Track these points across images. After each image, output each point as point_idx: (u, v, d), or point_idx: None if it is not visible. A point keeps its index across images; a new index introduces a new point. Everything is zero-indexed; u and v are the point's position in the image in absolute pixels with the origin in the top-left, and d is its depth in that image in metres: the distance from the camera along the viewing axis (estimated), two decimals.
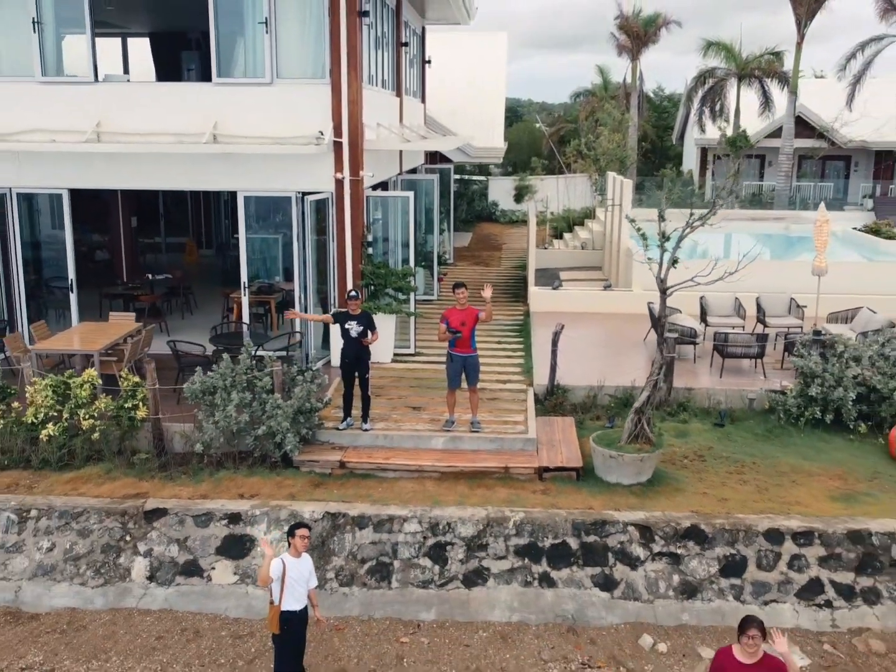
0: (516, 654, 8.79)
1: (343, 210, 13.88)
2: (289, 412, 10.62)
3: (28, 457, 10.93)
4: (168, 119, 13.66)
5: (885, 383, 12.03)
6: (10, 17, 13.70)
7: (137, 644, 8.91)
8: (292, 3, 13.39)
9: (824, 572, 9.51)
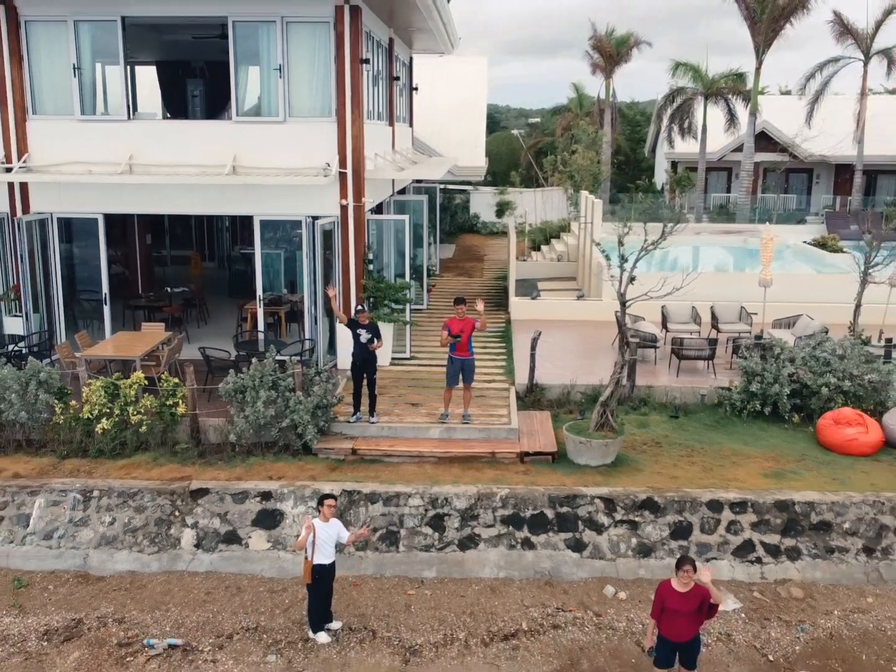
0: (503, 602, 10.74)
1: (347, 232, 15.81)
2: (309, 407, 12.56)
3: (85, 447, 12.79)
4: (193, 152, 15.52)
5: (814, 380, 14.12)
6: (54, 64, 15.53)
7: (190, 598, 10.79)
8: (303, 51, 15.34)
9: (755, 535, 11.55)
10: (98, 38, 15.60)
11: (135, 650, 9.81)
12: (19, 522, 11.70)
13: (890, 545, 11.46)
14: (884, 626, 10.35)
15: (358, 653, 9.76)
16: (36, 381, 12.81)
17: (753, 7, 31.19)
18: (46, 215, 15.98)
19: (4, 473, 12.32)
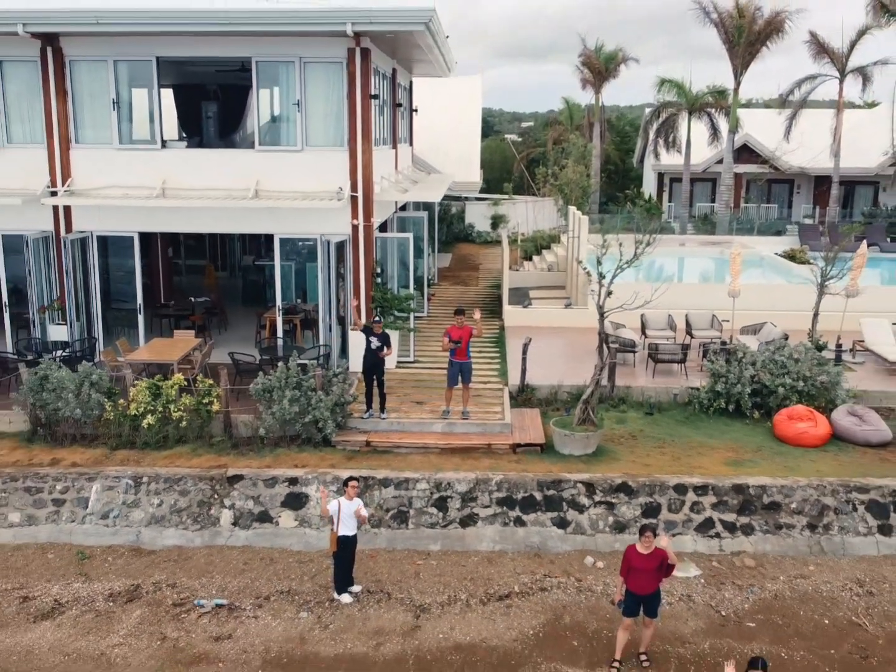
0: (498, 570, 12.58)
1: (358, 249, 17.66)
2: (329, 405, 14.40)
3: (133, 440, 14.60)
4: (219, 178, 17.36)
5: (772, 381, 16.01)
6: (95, 99, 17.33)
7: (230, 568, 12.61)
8: (319, 88, 17.18)
9: (715, 513, 13.42)
10: (134, 75, 17.43)
11: (187, 609, 11.63)
12: (79, 504, 13.51)
13: (830, 522, 13.34)
14: (820, 588, 12.22)
15: (376, 610, 11.59)
16: (88, 383, 14.62)
17: (731, 32, 33.14)
18: (87, 234, 17.79)
19: (64, 462, 14.13)
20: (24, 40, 16.45)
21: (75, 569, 12.57)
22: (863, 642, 11.08)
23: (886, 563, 12.89)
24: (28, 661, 10.57)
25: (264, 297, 23.59)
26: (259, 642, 10.92)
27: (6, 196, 16.96)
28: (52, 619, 11.40)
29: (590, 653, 10.78)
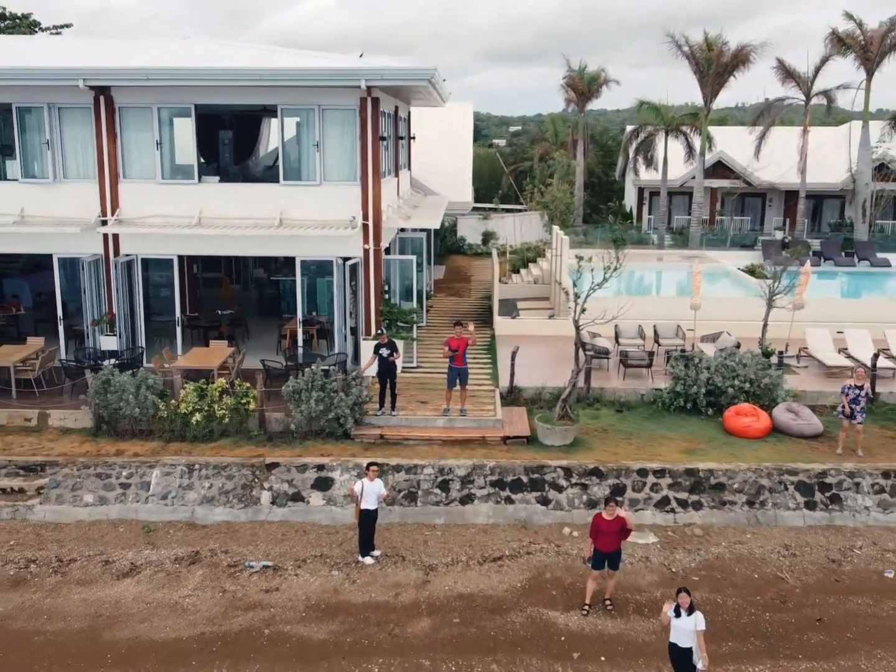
0: (492, 539, 15.32)
1: (369, 269, 20.37)
2: (349, 404, 17.13)
3: (183, 434, 17.28)
4: (249, 208, 20.06)
5: (724, 383, 18.82)
6: (141, 140, 20.00)
7: (271, 538, 15.31)
8: (335, 132, 19.89)
9: (671, 492, 16.20)
10: (174, 119, 20.12)
11: (240, 569, 14.33)
12: (142, 487, 16.18)
13: (765, 499, 16.14)
14: (754, 551, 15.03)
15: (393, 569, 14.32)
16: (145, 386, 17.30)
17: (702, 64, 36.05)
18: (133, 257, 20.46)
19: (127, 453, 16.81)
20: (80, 90, 19.12)
21: (143, 539, 15.26)
22: (783, 591, 13.88)
23: (810, 532, 15.72)
24: (117, 609, 13.26)
25: (279, 309, 26.30)
26: (301, 593, 13.64)
27: (66, 225, 19.62)
28: (132, 577, 14.09)
29: (565, 600, 13.54)
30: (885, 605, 13.57)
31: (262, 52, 22.57)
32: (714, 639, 12.24)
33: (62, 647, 12.34)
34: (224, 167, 26.45)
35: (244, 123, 28.64)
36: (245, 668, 11.87)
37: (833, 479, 16.30)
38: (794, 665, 12.09)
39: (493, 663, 12.04)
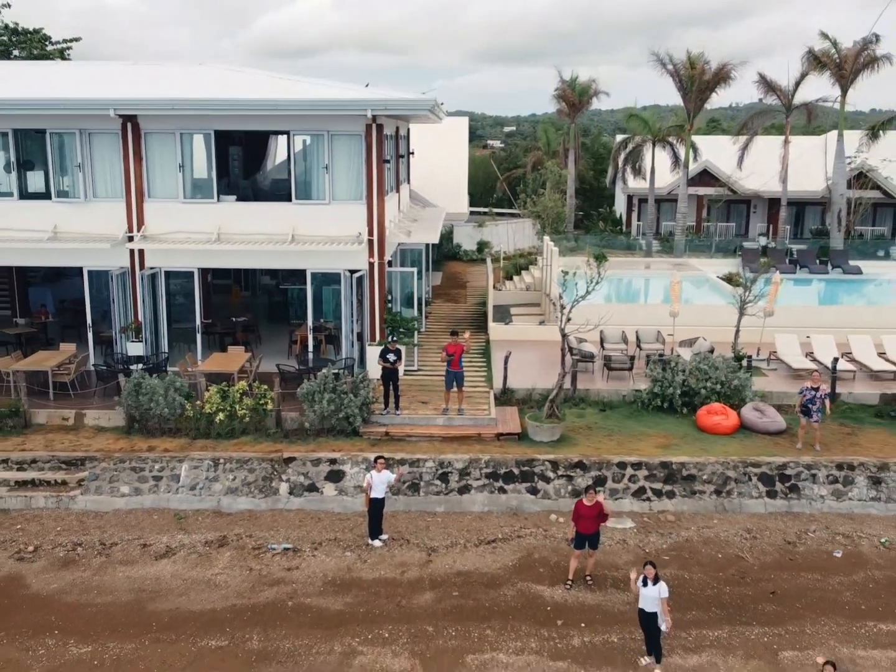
0: (486, 524, 17.19)
1: (373, 281, 22.20)
2: (357, 404, 18.98)
3: (208, 432, 19.10)
4: (263, 225, 21.87)
5: (697, 384, 20.70)
6: (164, 162, 21.81)
7: (290, 524, 17.15)
8: (343, 155, 21.71)
9: (647, 483, 18.07)
10: (195, 144, 21.94)
11: (263, 551, 16.17)
12: (173, 479, 18.01)
13: (731, 489, 18.03)
14: (719, 535, 16.92)
15: (399, 550, 16.19)
16: (173, 388, 19.12)
17: (685, 81, 37.97)
18: (157, 269, 22.27)
19: (157, 449, 18.64)
20: (110, 118, 20.92)
21: (175, 525, 17.10)
22: (743, 569, 15.78)
23: (770, 518, 17.62)
24: (158, 584, 15.10)
25: (287, 315, 28.15)
26: (318, 571, 15.50)
27: (96, 241, 21.43)
28: (168, 557, 15.94)
29: (551, 576, 15.41)
30: (831, 581, 15.47)
31: (275, 80, 24.35)
32: (680, 608, 14.13)
33: (112, 617, 14.18)
34: (235, 181, 28.21)
35: (253, 139, 30.42)
36: (273, 633, 13.72)
37: (792, 471, 18.21)
38: (749, 630, 13.97)
39: (488, 629, 13.91)
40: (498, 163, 70.91)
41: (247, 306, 29.74)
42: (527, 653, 13.35)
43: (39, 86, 23.58)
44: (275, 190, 29.04)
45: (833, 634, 13.90)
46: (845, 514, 17.80)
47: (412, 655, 13.24)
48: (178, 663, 13.04)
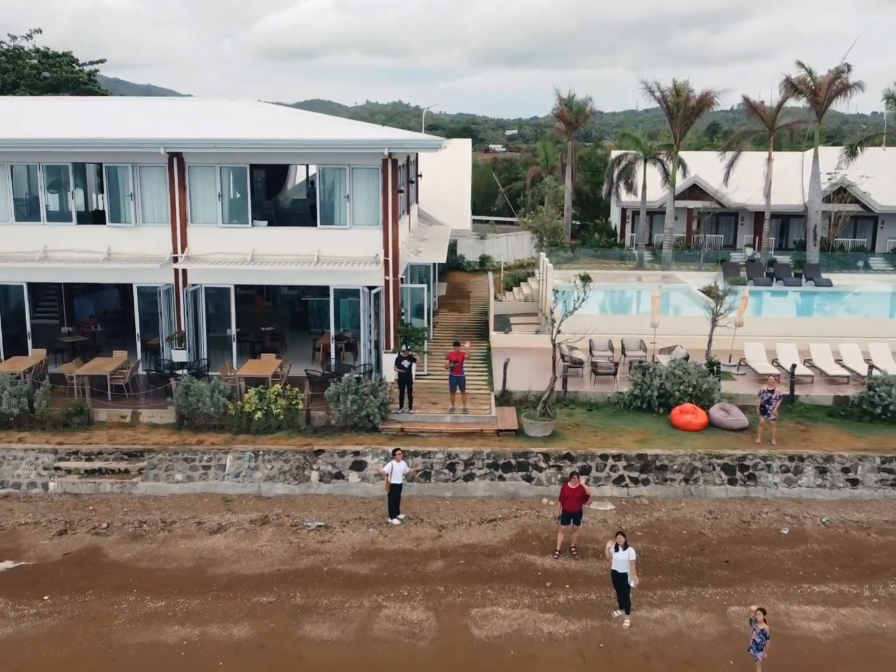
0: (488, 506, 20.21)
1: (388, 296, 25.22)
2: (377, 404, 22.01)
3: (248, 428, 22.12)
4: (292, 246, 24.89)
5: (672, 388, 23.70)
6: (205, 192, 24.85)
7: (320, 506, 20.19)
8: (362, 186, 24.72)
9: (626, 472, 21.09)
10: (233, 176, 25.00)
11: (299, 528, 19.20)
12: (220, 468, 21.05)
13: (697, 477, 21.04)
14: (686, 515, 19.94)
15: (414, 527, 19.22)
16: (217, 390, 22.16)
17: (672, 107, 41.05)
18: (198, 286, 25.30)
19: (205, 442, 21.66)
20: (159, 154, 23.97)
21: (223, 507, 20.15)
22: (703, 543, 18.80)
23: (730, 502, 20.64)
24: (213, 554, 18.13)
25: (307, 325, 31.15)
26: (347, 543, 18.54)
27: (146, 262, 24.48)
28: (220, 533, 18.98)
29: (541, 548, 18.43)
30: (776, 552, 18.48)
31: (301, 117, 27.45)
32: (648, 574, 17.14)
33: (179, 579, 17.21)
34: (258, 201, 31.24)
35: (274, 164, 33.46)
36: (313, 591, 16.74)
37: (750, 462, 21.22)
38: (704, 591, 16.98)
39: (489, 589, 16.93)
40: (499, 172, 74.02)
41: (269, 315, 32.71)
42: (521, 607, 16.37)
43: (96, 123, 26.62)
44: (294, 209, 32.23)
45: (774, 594, 16.91)
46: (794, 499, 20.83)
47: (427, 609, 16.26)
48: (237, 615, 16.07)
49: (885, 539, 19.08)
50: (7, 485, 20.82)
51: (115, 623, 15.81)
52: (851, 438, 22.42)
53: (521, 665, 14.78)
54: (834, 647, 15.33)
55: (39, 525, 19.39)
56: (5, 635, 15.47)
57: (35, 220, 25.25)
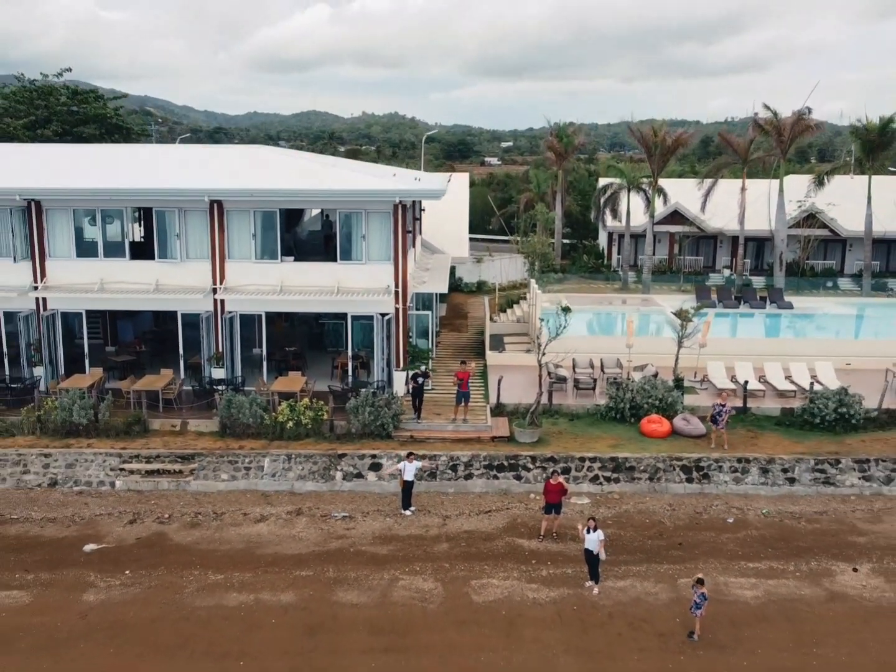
0: (484, 501, 24.19)
1: (398, 322, 29.22)
2: (390, 415, 26.01)
3: (281, 435, 26.09)
4: (315, 279, 28.89)
5: (642, 401, 27.72)
6: (241, 232, 28.88)
7: (344, 500, 24.16)
8: (375, 226, 28.74)
9: (600, 472, 25.10)
10: (265, 218, 29.06)
11: (328, 518, 23.17)
12: (259, 469, 25.01)
13: (660, 476, 25.04)
14: (649, 508, 23.94)
15: (423, 517, 23.20)
16: (255, 403, 26.15)
17: (650, 146, 45.29)
18: (234, 313, 29.30)
19: (246, 447, 25.63)
20: (203, 201, 28.02)
21: (263, 501, 24.11)
22: (662, 530, 22.79)
23: (686, 497, 24.65)
24: (259, 539, 22.09)
25: (324, 344, 35.14)
26: (368, 530, 22.51)
27: (190, 292, 28.49)
28: (263, 522, 22.94)
29: (528, 534, 22.42)
30: (722, 537, 22.47)
31: (320, 164, 31.53)
32: (615, 553, 21.09)
33: (234, 559, 21.15)
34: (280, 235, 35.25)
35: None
36: (342, 567, 20.70)
37: (705, 464, 25.24)
38: (660, 566, 20.96)
39: (485, 565, 20.90)
40: (494, 189, 78.27)
41: (289, 336, 36.66)
42: (511, 579, 20.34)
43: (146, 172, 30.70)
44: (311, 240, 36.32)
45: (716, 569, 20.89)
46: (741, 494, 24.85)
47: (435, 580, 20.23)
48: (282, 585, 20.02)
49: (813, 526, 23.11)
50: (81, 483, 24.76)
51: (185, 591, 19.75)
52: (792, 444, 26.48)
53: (511, 623, 18.72)
54: (760, 609, 19.31)
55: (112, 516, 23.33)
56: (98, 601, 19.40)
57: (93, 256, 29.23)
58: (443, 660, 17.38)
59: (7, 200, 28.18)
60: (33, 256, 28.94)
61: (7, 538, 22.04)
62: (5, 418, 26.60)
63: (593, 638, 18.17)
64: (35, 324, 29.23)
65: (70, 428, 25.99)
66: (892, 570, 20.86)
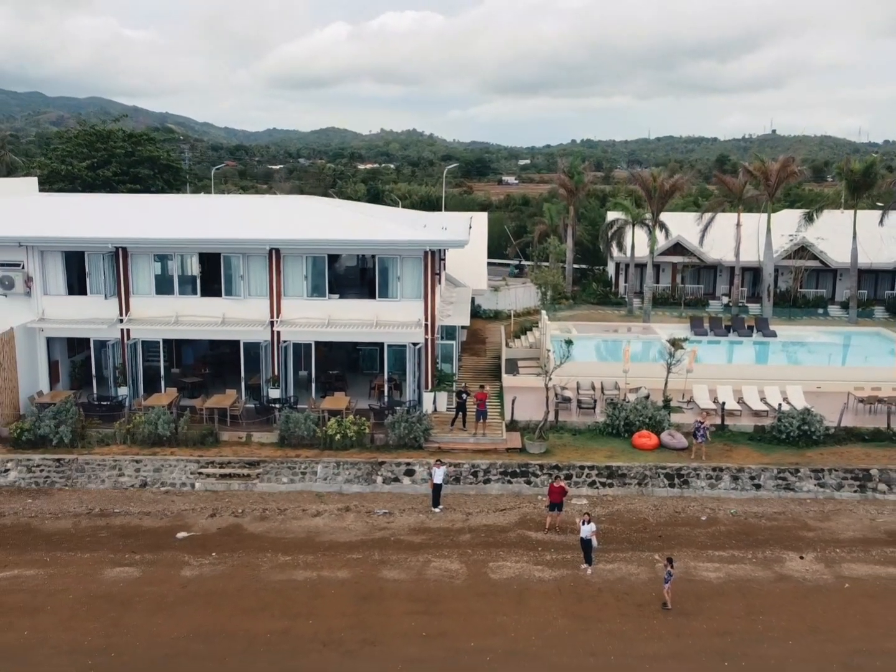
0: (501, 500, 29.19)
1: (428, 350, 34.34)
2: (422, 429, 31.11)
3: (330, 446, 31.18)
4: (358, 313, 34.10)
5: (634, 419, 32.66)
6: (295, 274, 34.14)
7: (385, 500, 29.23)
8: (409, 269, 33.93)
9: (597, 478, 30.06)
10: (315, 261, 34.33)
11: (372, 514, 28.24)
12: (313, 473, 30.13)
13: (647, 482, 29.95)
14: (638, 508, 28.85)
15: (450, 514, 28.23)
16: (308, 418, 31.31)
17: (650, 189, 50.39)
18: (288, 342, 34.53)
19: (302, 455, 30.76)
20: (264, 248, 33.34)
21: (318, 500, 29.24)
22: (646, 525, 27.72)
23: (669, 499, 29.56)
24: (317, 529, 27.20)
25: (360, 367, 40.30)
26: (405, 524, 27.58)
27: (252, 325, 33.76)
28: (319, 516, 28.06)
29: (536, 527, 27.41)
30: (695, 531, 27.38)
31: (359, 214, 36.88)
32: (606, 543, 26.03)
33: (297, 545, 26.26)
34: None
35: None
36: (385, 552, 25.74)
37: (685, 472, 30.16)
38: (642, 553, 25.87)
39: (501, 551, 25.90)
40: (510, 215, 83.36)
41: (329, 360, 41.80)
42: (521, 562, 25.34)
43: (214, 222, 36.11)
44: (347, 275, 41.60)
45: (688, 556, 25.77)
46: (714, 497, 29.73)
47: (460, 563, 25.26)
48: (338, 565, 25.10)
49: (771, 524, 27.98)
50: (167, 484, 29.99)
51: (262, 569, 24.87)
52: (760, 456, 31.37)
53: (520, 594, 23.71)
54: (720, 587, 24.20)
55: (195, 511, 28.51)
56: (194, 575, 24.55)
57: (169, 294, 34.58)
58: (466, 620, 22.37)
59: (100, 248, 33.62)
60: (119, 293, 34.31)
61: (115, 527, 27.28)
62: (101, 430, 31.87)
63: (585, 606, 23.12)
64: (120, 350, 34.56)
65: (155, 439, 31.22)
66: (831, 558, 25.70)
